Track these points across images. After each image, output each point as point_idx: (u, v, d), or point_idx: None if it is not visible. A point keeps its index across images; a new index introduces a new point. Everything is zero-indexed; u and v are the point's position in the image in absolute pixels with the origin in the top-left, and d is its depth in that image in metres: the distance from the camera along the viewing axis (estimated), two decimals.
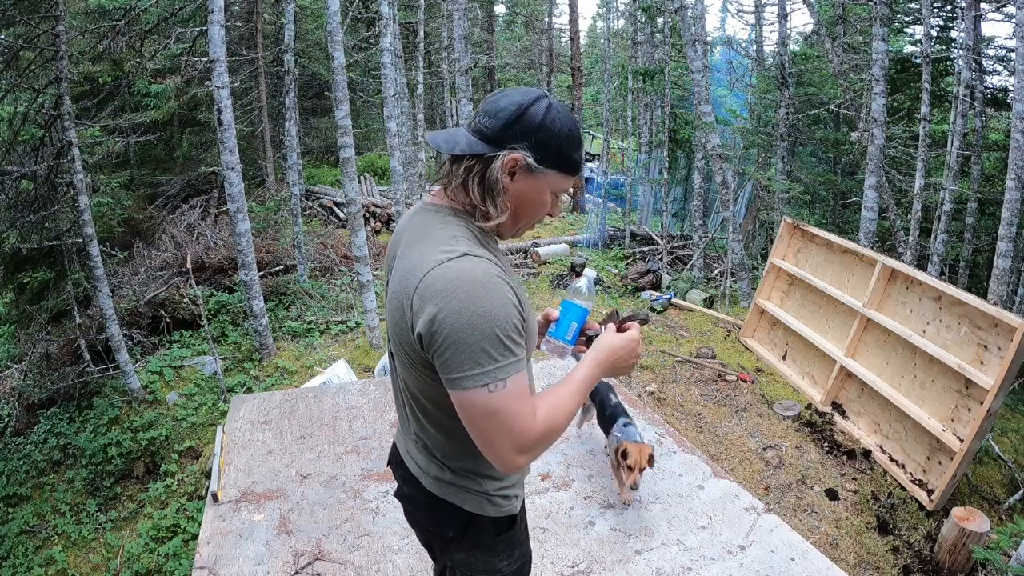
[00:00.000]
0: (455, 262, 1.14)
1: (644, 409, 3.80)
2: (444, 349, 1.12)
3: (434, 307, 1.11)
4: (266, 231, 9.34)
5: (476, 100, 14.59)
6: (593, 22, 35.52)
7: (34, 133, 5.61)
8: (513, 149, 1.19)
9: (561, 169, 1.24)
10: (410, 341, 1.19)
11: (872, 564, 3.54)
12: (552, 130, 1.20)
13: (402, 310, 1.19)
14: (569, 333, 1.42)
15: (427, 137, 1.30)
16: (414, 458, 1.42)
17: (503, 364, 1.12)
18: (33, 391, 6.10)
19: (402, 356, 1.28)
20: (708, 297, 7.63)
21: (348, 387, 4.08)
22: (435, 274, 1.13)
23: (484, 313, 1.10)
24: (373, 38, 10.93)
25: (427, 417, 1.33)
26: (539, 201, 1.27)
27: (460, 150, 1.21)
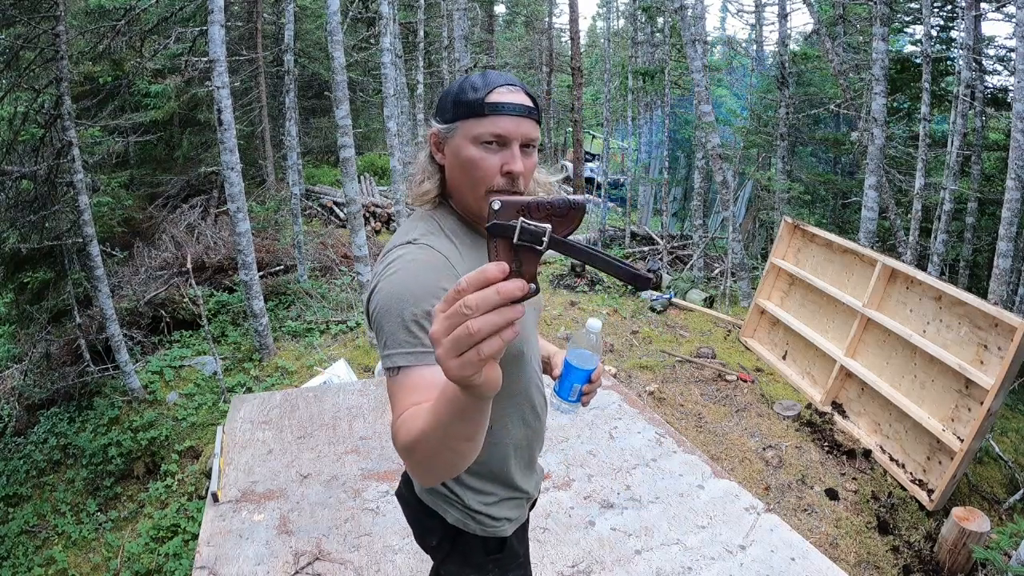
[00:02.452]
0: (396, 249, 1.16)
1: (644, 409, 3.80)
2: (374, 326, 1.12)
3: (372, 285, 1.14)
4: (266, 231, 9.35)
5: None
6: (593, 22, 35.52)
7: (34, 133, 5.62)
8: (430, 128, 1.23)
9: (467, 115, 1.16)
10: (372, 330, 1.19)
11: (872, 564, 3.53)
12: (450, 89, 1.21)
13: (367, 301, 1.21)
14: (572, 394, 1.31)
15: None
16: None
17: (402, 351, 1.05)
18: (33, 391, 6.11)
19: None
20: (708, 297, 7.63)
21: (348, 387, 4.08)
22: (379, 260, 1.18)
23: (398, 294, 1.08)
24: (373, 38, 10.93)
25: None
26: (464, 156, 1.17)
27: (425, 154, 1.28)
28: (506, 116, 1.14)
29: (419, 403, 0.95)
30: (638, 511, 2.83)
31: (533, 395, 1.34)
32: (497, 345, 0.66)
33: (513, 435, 1.31)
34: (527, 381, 1.32)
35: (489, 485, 1.31)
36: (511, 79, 1.19)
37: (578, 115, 15.31)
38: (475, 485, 1.29)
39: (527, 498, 1.40)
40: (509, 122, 1.14)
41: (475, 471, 1.28)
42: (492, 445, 1.27)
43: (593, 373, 1.27)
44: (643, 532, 2.70)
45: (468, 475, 1.29)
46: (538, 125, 1.20)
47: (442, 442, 0.83)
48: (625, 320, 6.98)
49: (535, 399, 1.35)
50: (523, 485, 1.37)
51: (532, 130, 1.17)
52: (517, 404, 1.31)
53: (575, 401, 1.31)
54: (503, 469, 1.32)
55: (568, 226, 0.71)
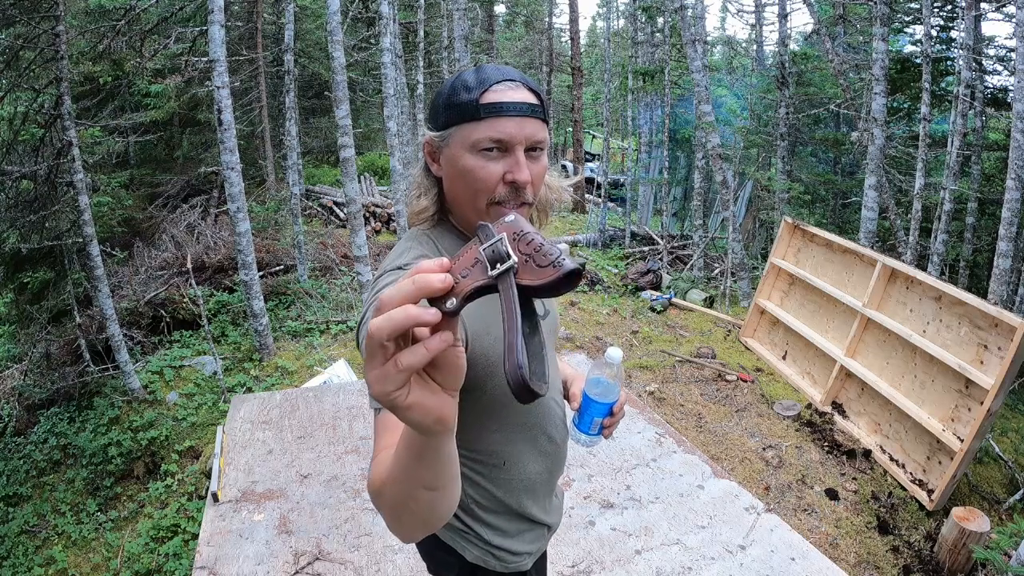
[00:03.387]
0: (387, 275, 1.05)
1: (644, 409, 3.80)
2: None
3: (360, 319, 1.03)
4: (266, 231, 9.35)
5: None
6: (593, 22, 35.52)
7: (34, 133, 5.62)
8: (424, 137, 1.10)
9: (461, 120, 1.02)
10: None
11: (872, 564, 3.53)
12: (441, 91, 1.06)
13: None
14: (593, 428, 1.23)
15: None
16: None
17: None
18: (33, 391, 6.11)
19: None
20: (708, 297, 7.63)
21: (348, 387, 4.08)
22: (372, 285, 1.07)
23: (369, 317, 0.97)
24: (373, 38, 10.93)
25: None
26: (461, 166, 1.04)
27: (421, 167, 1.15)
28: (506, 117, 1.00)
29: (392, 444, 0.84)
30: (638, 511, 2.83)
31: (549, 426, 1.24)
32: (417, 355, 0.56)
33: (530, 469, 1.21)
34: (543, 411, 1.22)
35: (508, 522, 1.22)
36: (511, 72, 1.05)
37: (578, 115, 15.30)
38: (493, 522, 1.20)
39: (548, 528, 1.31)
40: (511, 124, 1.00)
41: (493, 508, 1.20)
42: (508, 481, 1.18)
43: (615, 405, 1.18)
44: (643, 532, 2.70)
45: (485, 512, 1.20)
46: (545, 124, 1.06)
47: (404, 490, 0.75)
48: (625, 320, 6.98)
49: (552, 430, 1.24)
50: (544, 518, 1.28)
51: (538, 131, 1.03)
52: (532, 437, 1.20)
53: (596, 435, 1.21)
54: (521, 504, 1.22)
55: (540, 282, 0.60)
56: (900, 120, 8.51)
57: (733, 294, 7.76)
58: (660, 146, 11.27)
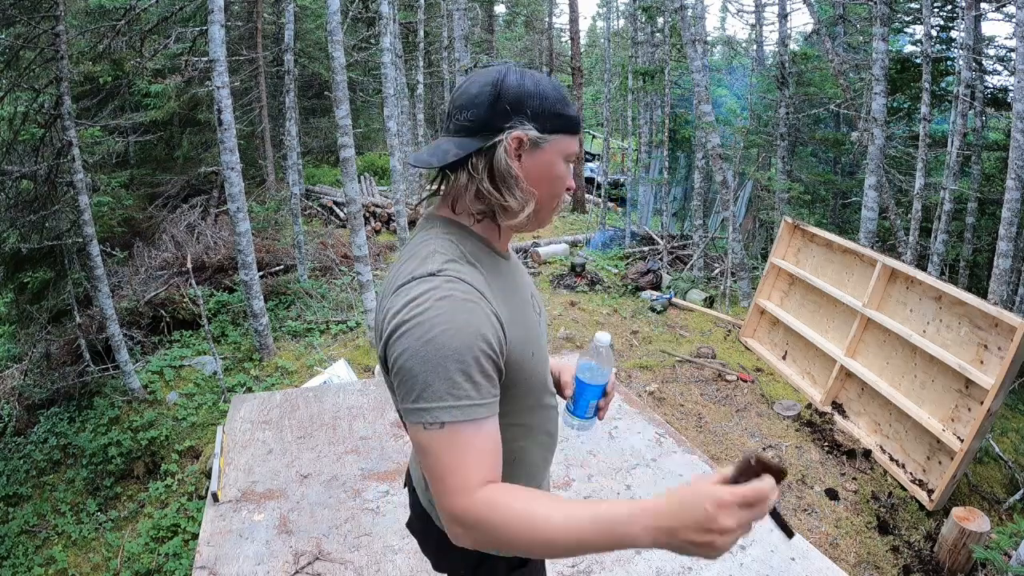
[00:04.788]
0: (420, 282, 1.00)
1: (644, 409, 3.80)
2: (395, 374, 0.99)
3: (392, 326, 0.99)
4: (266, 231, 9.35)
5: None
6: (593, 22, 35.54)
7: (34, 133, 5.62)
8: (511, 129, 1.03)
9: (565, 131, 1.08)
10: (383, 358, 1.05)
11: (872, 564, 3.54)
12: (542, 94, 1.06)
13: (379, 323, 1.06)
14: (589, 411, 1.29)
15: (410, 160, 1.16)
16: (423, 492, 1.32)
17: (443, 405, 0.94)
18: (33, 391, 6.11)
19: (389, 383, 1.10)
20: (708, 297, 7.63)
21: (348, 387, 4.08)
22: (400, 293, 1.01)
23: (434, 340, 0.94)
24: (373, 38, 10.93)
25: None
26: (555, 174, 1.09)
27: (455, 155, 1.04)
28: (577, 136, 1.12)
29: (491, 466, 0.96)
30: None
31: (550, 424, 1.28)
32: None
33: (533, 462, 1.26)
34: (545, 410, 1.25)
35: None
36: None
37: (578, 115, 15.30)
38: None
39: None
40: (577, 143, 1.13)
41: None
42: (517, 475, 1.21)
43: (608, 386, 1.24)
44: None
45: None
46: None
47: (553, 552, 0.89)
48: (625, 320, 6.98)
49: (551, 426, 1.29)
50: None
51: None
52: (536, 437, 1.24)
53: (592, 418, 1.27)
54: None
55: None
56: (900, 120, 8.51)
57: (733, 294, 7.76)
58: (660, 146, 11.27)
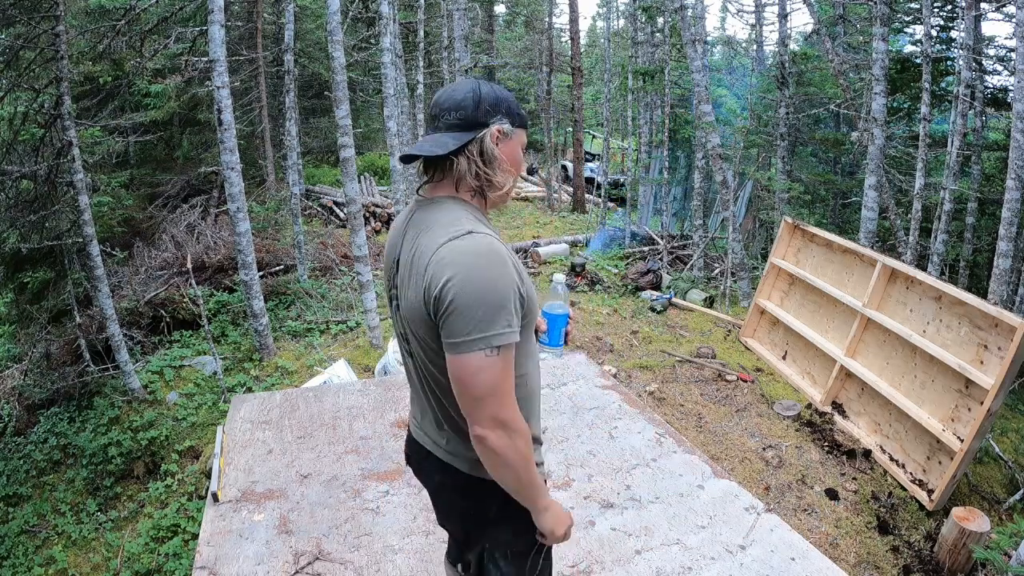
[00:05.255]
0: (461, 239, 1.26)
1: (644, 409, 3.80)
2: (449, 314, 1.22)
3: (444, 276, 1.23)
4: (266, 231, 9.34)
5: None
6: (593, 22, 35.52)
7: (34, 133, 5.62)
8: (492, 123, 1.35)
9: (522, 126, 1.42)
10: (426, 318, 1.29)
11: (872, 564, 3.54)
12: (507, 99, 1.38)
13: (417, 289, 1.29)
14: (561, 338, 1.64)
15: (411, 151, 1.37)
16: (444, 447, 1.49)
17: (499, 332, 1.23)
18: (33, 391, 6.10)
19: (421, 340, 1.35)
20: (708, 297, 7.63)
21: (348, 387, 4.08)
22: (444, 250, 1.25)
23: (487, 282, 1.22)
24: (373, 38, 10.92)
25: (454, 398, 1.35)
26: (519, 158, 1.43)
27: (455, 145, 1.32)
28: None
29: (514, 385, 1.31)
30: (638, 511, 2.83)
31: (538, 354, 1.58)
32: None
33: (535, 384, 1.52)
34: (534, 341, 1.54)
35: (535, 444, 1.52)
36: None
37: (578, 115, 15.30)
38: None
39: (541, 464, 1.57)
40: None
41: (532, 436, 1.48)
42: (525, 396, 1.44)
43: (569, 314, 1.62)
44: (643, 532, 2.69)
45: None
46: None
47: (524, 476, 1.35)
48: (625, 320, 6.98)
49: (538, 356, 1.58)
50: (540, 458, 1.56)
51: None
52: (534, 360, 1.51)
53: (563, 344, 1.64)
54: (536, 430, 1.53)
55: None
56: (900, 120, 8.51)
57: (733, 294, 7.76)
58: (660, 146, 11.27)
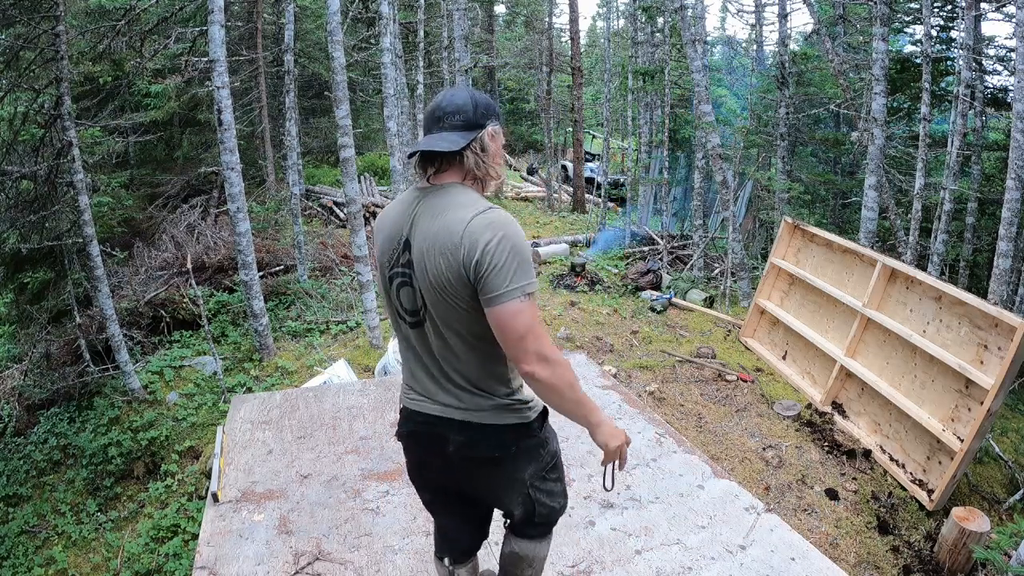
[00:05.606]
0: (489, 212, 1.52)
1: (644, 409, 3.80)
2: (489, 273, 1.46)
3: (484, 240, 1.47)
4: (266, 231, 9.34)
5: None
6: (593, 22, 35.51)
7: (34, 133, 5.61)
8: (487, 124, 1.59)
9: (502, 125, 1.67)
10: (458, 280, 1.51)
11: (872, 564, 3.54)
12: (492, 104, 1.63)
13: (450, 259, 1.50)
14: None
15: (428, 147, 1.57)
16: (460, 405, 1.66)
17: (528, 283, 1.49)
18: (33, 391, 6.10)
19: (449, 303, 1.55)
20: (708, 297, 7.63)
21: (348, 387, 4.08)
22: (476, 222, 1.49)
23: (519, 243, 1.50)
24: (373, 38, 10.92)
25: (474, 353, 1.61)
26: (501, 152, 1.68)
27: (464, 143, 1.56)
28: None
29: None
30: (638, 511, 2.83)
31: None
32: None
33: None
34: None
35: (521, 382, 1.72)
36: None
37: (578, 115, 15.30)
38: (519, 385, 1.71)
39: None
40: None
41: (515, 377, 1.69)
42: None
43: None
44: (643, 532, 2.70)
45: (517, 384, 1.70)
46: None
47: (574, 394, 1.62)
48: (625, 320, 6.98)
49: None
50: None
51: None
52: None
53: None
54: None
55: None
56: (900, 120, 8.51)
57: (733, 294, 7.76)
58: (660, 146, 11.27)
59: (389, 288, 1.68)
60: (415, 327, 1.65)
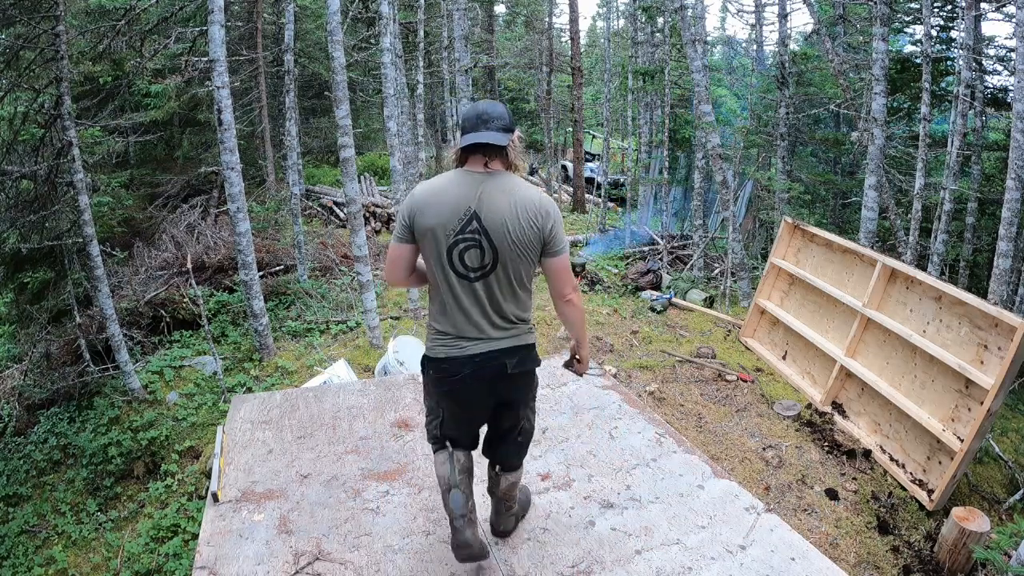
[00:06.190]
0: (543, 194, 2.19)
1: (644, 409, 3.80)
2: (554, 234, 2.13)
3: (554, 213, 2.15)
4: (266, 231, 9.34)
5: (476, 100, 14.58)
6: (593, 22, 35.48)
7: (34, 133, 5.62)
8: (515, 128, 2.15)
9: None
10: (536, 239, 2.11)
11: (872, 564, 3.54)
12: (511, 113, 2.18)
13: (532, 223, 2.08)
14: None
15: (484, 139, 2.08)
16: (509, 336, 2.20)
17: (567, 242, 2.23)
18: (33, 391, 6.11)
19: (521, 257, 2.11)
20: (708, 297, 7.63)
21: (348, 387, 4.08)
22: (545, 199, 2.15)
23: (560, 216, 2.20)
24: (373, 38, 10.92)
25: (520, 293, 2.20)
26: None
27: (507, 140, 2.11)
28: None
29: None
30: (638, 511, 2.83)
31: None
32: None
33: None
34: None
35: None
36: None
37: (578, 115, 15.31)
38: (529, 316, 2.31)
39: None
40: None
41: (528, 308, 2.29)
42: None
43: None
44: (643, 532, 2.69)
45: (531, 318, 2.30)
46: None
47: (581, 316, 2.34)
48: (625, 320, 6.98)
49: None
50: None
51: None
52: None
53: None
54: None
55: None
56: (900, 120, 8.51)
57: (733, 294, 7.76)
58: (660, 146, 11.27)
59: (448, 252, 2.08)
60: (479, 280, 2.12)
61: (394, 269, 2.22)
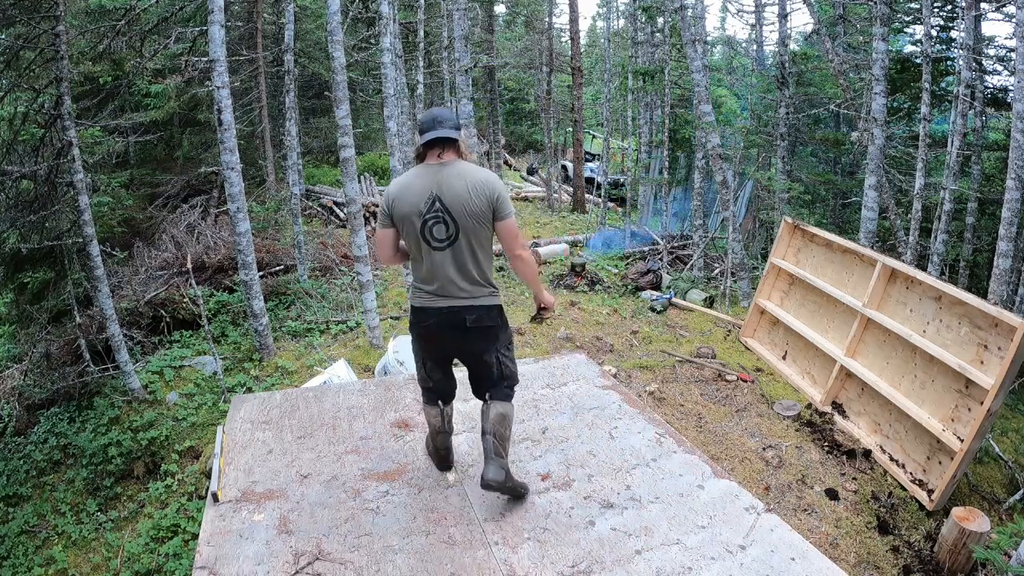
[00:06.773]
0: (490, 172, 2.69)
1: (644, 409, 3.80)
2: (501, 203, 2.58)
3: (499, 186, 2.60)
4: (266, 231, 9.35)
5: (476, 100, 14.58)
6: (593, 22, 35.48)
7: (34, 133, 5.62)
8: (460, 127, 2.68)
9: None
10: (487, 208, 2.56)
11: (872, 564, 3.54)
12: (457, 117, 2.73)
13: (482, 197, 2.54)
14: None
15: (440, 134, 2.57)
16: (471, 295, 2.64)
17: (512, 208, 2.66)
18: (33, 391, 6.11)
19: (479, 224, 2.56)
20: (708, 297, 7.63)
21: (348, 387, 4.08)
22: (491, 177, 2.63)
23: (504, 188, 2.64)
24: (373, 38, 10.92)
25: (483, 254, 2.63)
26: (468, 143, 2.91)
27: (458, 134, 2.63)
28: None
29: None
30: (638, 511, 2.83)
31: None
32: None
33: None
34: None
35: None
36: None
37: (578, 115, 15.31)
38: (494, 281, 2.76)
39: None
40: None
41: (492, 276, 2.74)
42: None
43: None
44: (643, 532, 2.69)
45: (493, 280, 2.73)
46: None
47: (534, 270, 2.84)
48: (625, 320, 6.98)
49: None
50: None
51: None
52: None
53: None
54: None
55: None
56: (900, 120, 8.51)
57: (733, 294, 7.76)
58: (660, 146, 11.27)
59: (421, 228, 2.55)
60: (447, 247, 2.57)
61: (383, 248, 2.76)
